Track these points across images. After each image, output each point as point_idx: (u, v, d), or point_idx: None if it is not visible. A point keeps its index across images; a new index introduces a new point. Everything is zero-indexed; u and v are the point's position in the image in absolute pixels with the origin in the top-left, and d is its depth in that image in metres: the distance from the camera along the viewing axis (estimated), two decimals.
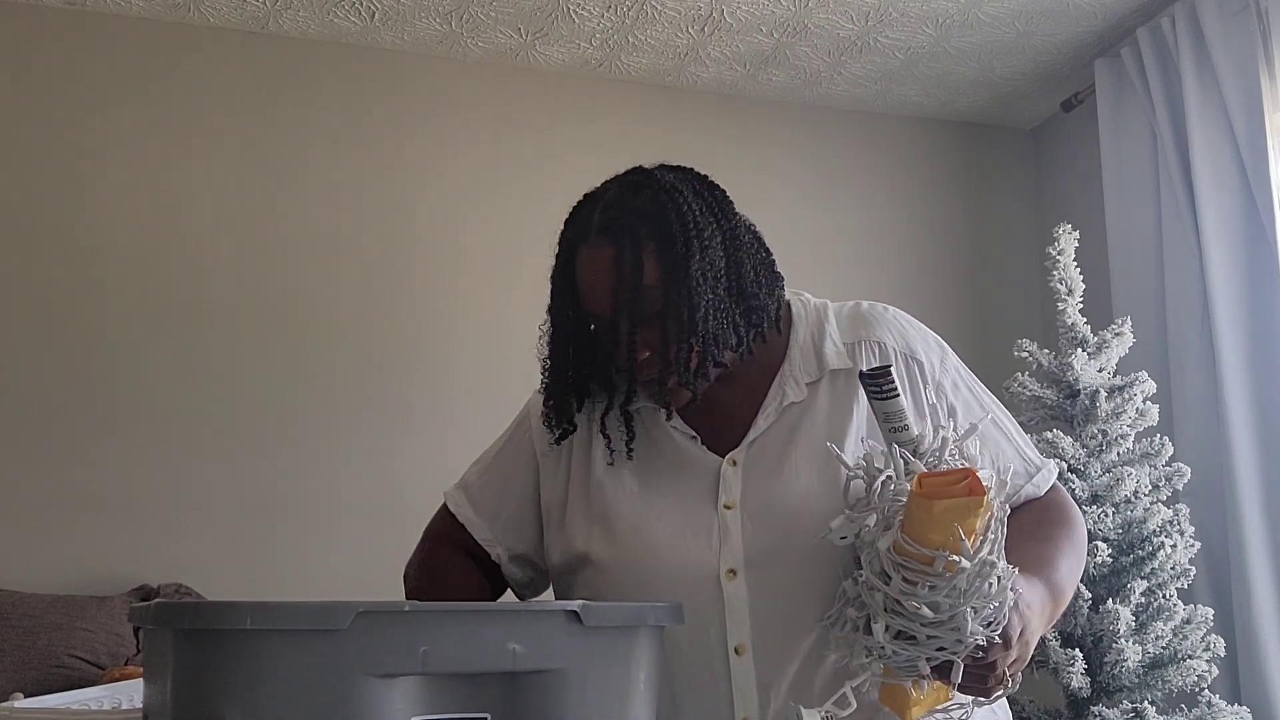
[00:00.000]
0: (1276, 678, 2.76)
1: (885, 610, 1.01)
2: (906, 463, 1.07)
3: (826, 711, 1.04)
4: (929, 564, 0.98)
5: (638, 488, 1.25)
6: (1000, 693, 1.07)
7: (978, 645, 1.01)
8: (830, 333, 1.28)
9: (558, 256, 1.27)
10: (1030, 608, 1.07)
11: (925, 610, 0.99)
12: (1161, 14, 3.24)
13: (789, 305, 1.31)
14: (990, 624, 1.01)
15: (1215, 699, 2.55)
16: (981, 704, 1.11)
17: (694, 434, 1.25)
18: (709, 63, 3.54)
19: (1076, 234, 2.85)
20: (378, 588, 3.19)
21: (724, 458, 1.23)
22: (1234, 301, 2.97)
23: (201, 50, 3.28)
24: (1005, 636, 1.02)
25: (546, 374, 1.28)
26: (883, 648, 1.02)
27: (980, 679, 1.04)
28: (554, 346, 1.27)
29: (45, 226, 3.09)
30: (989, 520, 1.00)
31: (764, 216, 4.34)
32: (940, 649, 1.01)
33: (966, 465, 1.08)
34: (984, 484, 0.98)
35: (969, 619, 0.98)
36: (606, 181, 1.30)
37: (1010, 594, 1.02)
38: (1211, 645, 2.57)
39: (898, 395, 1.08)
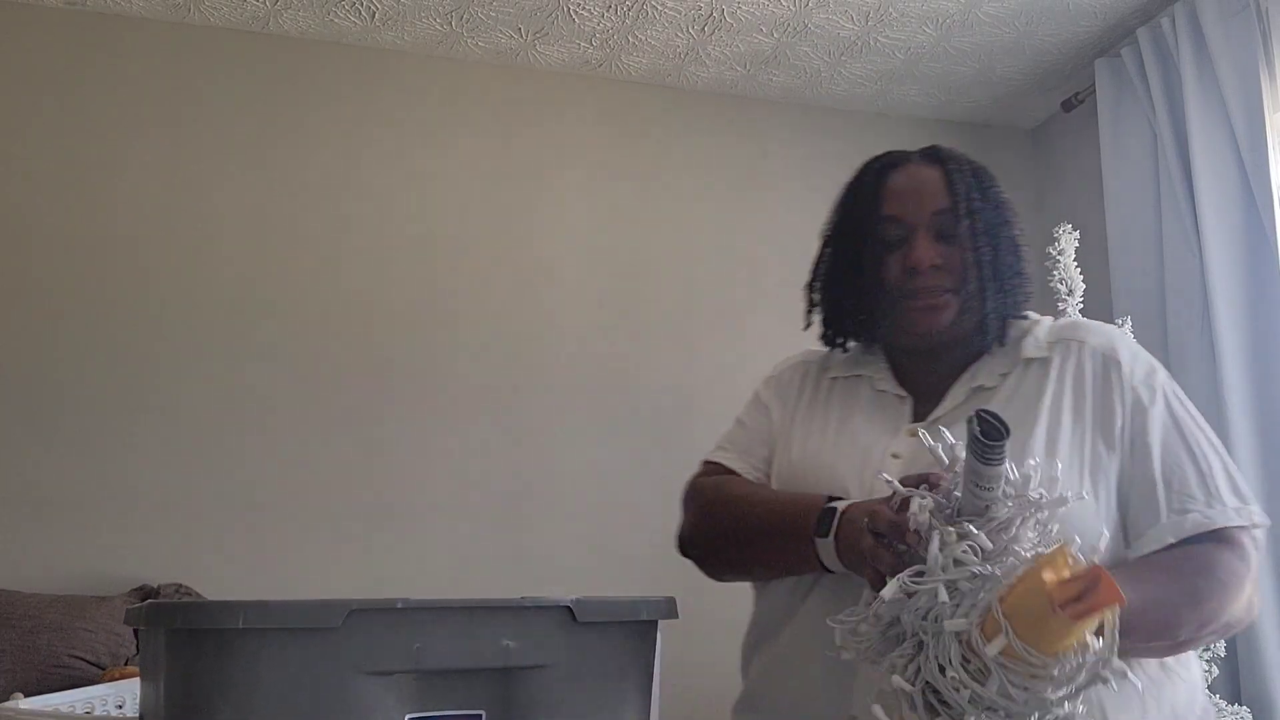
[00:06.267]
0: (1276, 678, 2.75)
1: (972, 704, 0.93)
2: (971, 535, 0.98)
3: None
4: (1043, 668, 0.91)
5: (835, 427, 1.37)
6: None
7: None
8: (1036, 333, 1.34)
9: (857, 185, 1.39)
10: None
11: (1021, 706, 0.91)
12: (1161, 14, 3.23)
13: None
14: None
15: (1215, 699, 2.55)
16: None
17: (902, 394, 1.36)
18: (709, 63, 3.53)
19: (1076, 234, 2.85)
20: (378, 587, 3.20)
21: (907, 426, 1.32)
22: (1234, 301, 2.96)
23: (201, 50, 3.28)
24: None
25: (820, 304, 1.41)
26: None
27: None
28: (834, 271, 1.39)
29: (44, 225, 3.09)
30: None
31: (764, 216, 4.35)
32: None
33: (1049, 547, 0.98)
34: (1116, 586, 0.90)
35: (1067, 706, 0.92)
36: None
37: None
38: (1211, 645, 2.57)
39: (1001, 463, 0.98)
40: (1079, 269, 2.82)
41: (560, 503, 3.30)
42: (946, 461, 1.05)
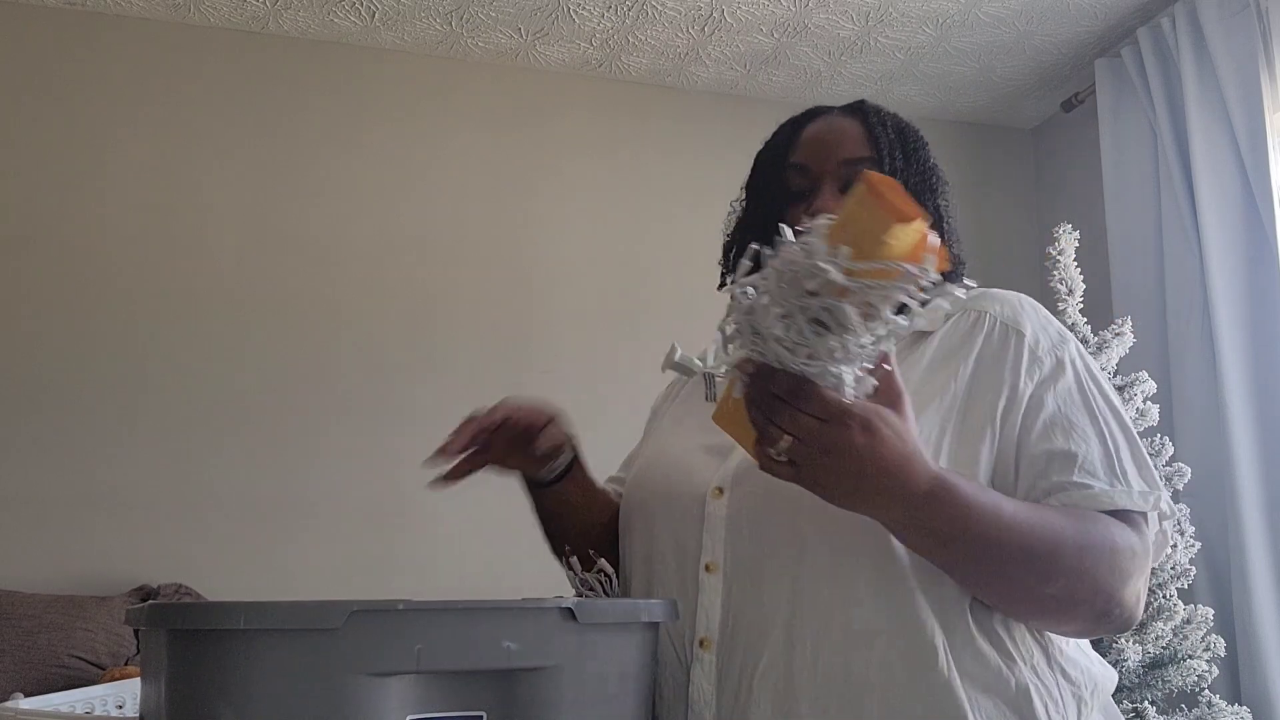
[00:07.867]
0: (1276, 678, 2.75)
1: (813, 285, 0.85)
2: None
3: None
4: (888, 273, 0.85)
5: (686, 420, 1.29)
6: (770, 459, 0.92)
7: (793, 370, 0.87)
8: (939, 305, 1.19)
9: (772, 136, 1.33)
10: (885, 440, 0.91)
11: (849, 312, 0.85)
12: (1161, 14, 3.24)
13: None
14: (822, 374, 0.87)
15: (1215, 699, 2.55)
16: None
17: None
18: (709, 63, 3.53)
19: (1076, 234, 2.84)
20: (377, 587, 3.20)
21: None
22: (1234, 301, 2.96)
23: (201, 50, 3.28)
24: (828, 400, 0.88)
25: (733, 254, 1.32)
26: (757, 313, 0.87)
27: (763, 412, 0.90)
28: (747, 222, 1.31)
29: (45, 226, 3.09)
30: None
31: None
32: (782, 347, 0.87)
33: None
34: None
35: (858, 333, 0.86)
36: None
37: (865, 380, 0.89)
38: (1211, 645, 2.57)
39: None
40: (1079, 269, 2.81)
41: None
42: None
